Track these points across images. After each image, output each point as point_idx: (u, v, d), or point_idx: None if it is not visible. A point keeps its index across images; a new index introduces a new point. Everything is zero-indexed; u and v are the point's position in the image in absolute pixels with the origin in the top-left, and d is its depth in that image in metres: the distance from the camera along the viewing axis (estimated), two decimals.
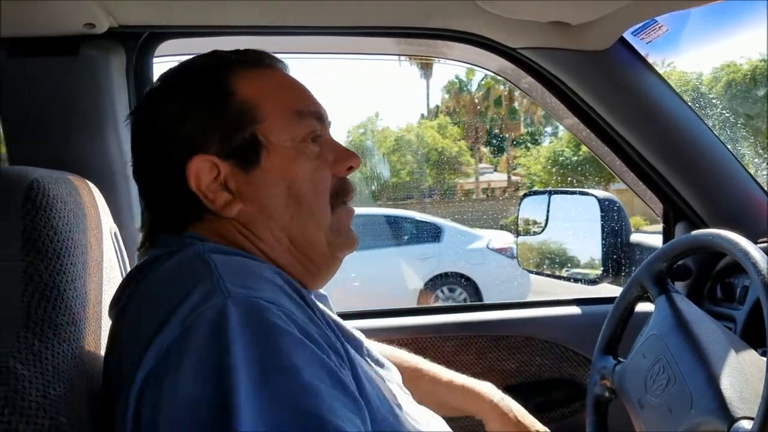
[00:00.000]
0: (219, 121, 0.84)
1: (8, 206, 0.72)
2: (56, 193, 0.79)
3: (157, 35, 1.34)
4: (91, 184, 0.96)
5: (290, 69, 0.97)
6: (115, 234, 1.09)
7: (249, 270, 0.75)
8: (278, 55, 1.39)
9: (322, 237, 0.88)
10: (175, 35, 1.35)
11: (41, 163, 0.85)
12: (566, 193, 1.97)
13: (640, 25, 1.29)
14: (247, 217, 0.85)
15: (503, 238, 7.85)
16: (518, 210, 2.03)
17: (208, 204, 0.83)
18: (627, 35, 1.37)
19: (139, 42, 1.33)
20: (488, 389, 1.24)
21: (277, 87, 0.89)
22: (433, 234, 7.68)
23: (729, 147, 1.48)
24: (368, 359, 0.93)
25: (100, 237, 0.92)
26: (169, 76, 0.91)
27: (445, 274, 7.42)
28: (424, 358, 1.57)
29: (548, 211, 1.95)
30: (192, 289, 0.68)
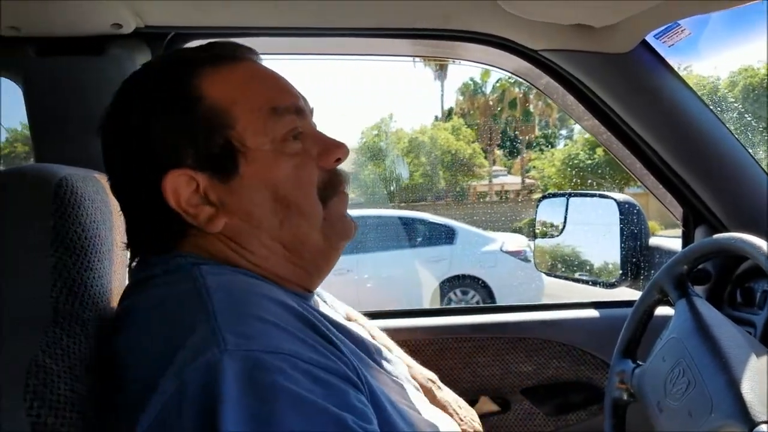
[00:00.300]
0: (188, 130, 0.78)
1: (38, 203, 0.74)
2: (84, 191, 0.80)
3: (182, 36, 1.35)
4: None
5: (261, 59, 0.90)
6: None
7: (249, 301, 0.70)
8: (297, 57, 1.39)
9: (316, 234, 0.84)
10: (200, 36, 1.35)
11: (67, 161, 0.86)
12: (585, 195, 1.96)
13: (663, 28, 1.29)
14: (233, 230, 0.80)
15: (517, 241, 7.82)
16: (536, 212, 2.02)
17: (190, 220, 0.78)
18: (649, 38, 1.36)
19: (165, 42, 1.34)
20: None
21: (248, 84, 0.82)
22: (447, 236, 7.65)
23: (750, 151, 1.47)
24: (379, 361, 0.91)
25: (125, 235, 0.93)
26: (131, 84, 0.84)
27: (459, 276, 7.39)
28: (441, 359, 1.58)
29: (566, 214, 1.94)
30: (186, 338, 0.63)
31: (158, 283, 0.76)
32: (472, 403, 1.60)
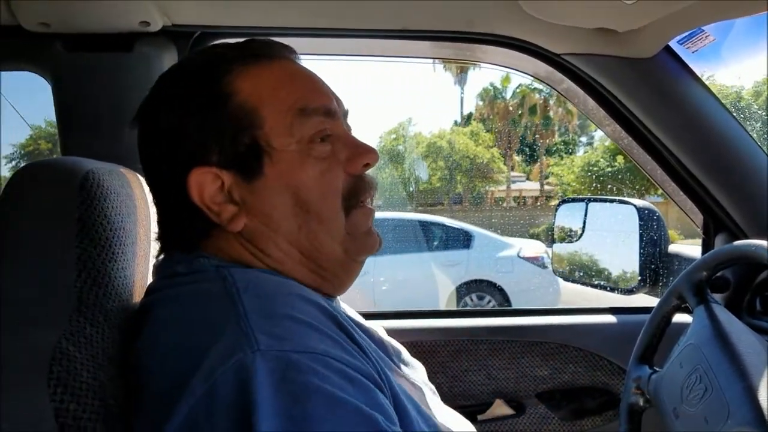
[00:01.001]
0: (216, 127, 0.78)
1: (65, 195, 0.75)
2: (110, 185, 0.81)
3: (208, 35, 1.37)
4: (140, 177, 0.97)
5: (300, 58, 0.89)
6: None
7: (279, 300, 0.70)
8: (320, 57, 1.39)
9: (335, 244, 0.83)
10: (225, 35, 1.37)
11: (94, 156, 0.87)
12: (604, 201, 1.95)
13: (687, 34, 1.28)
14: (252, 232, 0.80)
15: (534, 247, 7.78)
16: (554, 217, 2.01)
17: (213, 217, 0.79)
18: (673, 44, 1.35)
19: (191, 41, 1.36)
20: None
21: (278, 84, 0.81)
22: (464, 240, 7.62)
23: None
24: (399, 363, 0.91)
25: (149, 229, 0.94)
26: (164, 80, 0.85)
27: (475, 281, 7.36)
28: (457, 360, 1.58)
29: (585, 219, 1.93)
30: (217, 338, 0.63)
31: (185, 282, 0.77)
32: (487, 405, 1.60)
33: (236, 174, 0.79)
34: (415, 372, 0.96)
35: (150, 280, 0.91)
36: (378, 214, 0.91)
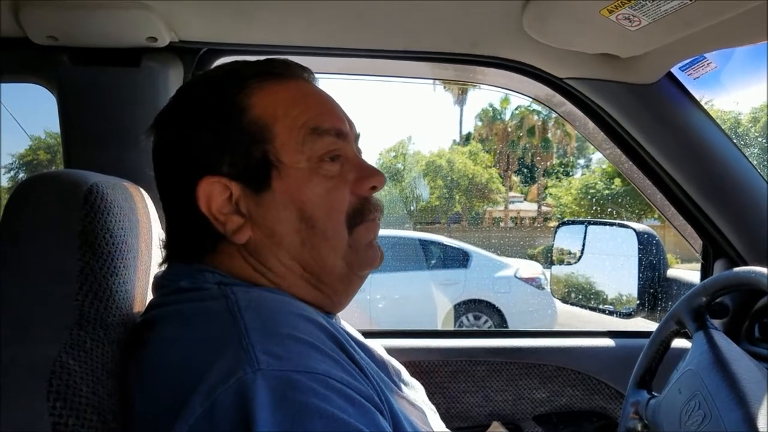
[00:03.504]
0: (229, 139, 0.80)
1: (68, 207, 0.75)
2: (113, 198, 0.81)
3: (214, 51, 1.37)
4: (143, 192, 0.98)
5: (316, 80, 0.92)
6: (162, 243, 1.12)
7: (281, 320, 0.70)
8: (324, 76, 1.40)
9: (337, 259, 0.83)
10: (232, 52, 1.38)
11: (97, 169, 0.87)
12: (604, 224, 1.96)
13: (689, 60, 1.29)
14: (255, 245, 0.81)
15: (531, 268, 7.79)
16: (554, 238, 2.02)
17: (219, 228, 0.80)
18: (675, 70, 1.36)
19: (197, 57, 1.37)
20: None
21: (294, 102, 0.83)
22: (461, 259, 7.62)
23: None
24: (399, 383, 0.91)
25: (150, 243, 0.94)
26: (183, 92, 0.88)
27: (472, 300, 7.36)
28: (454, 381, 1.57)
29: (584, 242, 1.93)
30: (218, 357, 0.63)
31: (187, 299, 0.77)
32: (484, 428, 1.60)
33: (245, 186, 0.80)
34: (415, 392, 0.96)
35: (149, 295, 0.90)
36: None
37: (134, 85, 1.31)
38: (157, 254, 0.97)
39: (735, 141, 1.45)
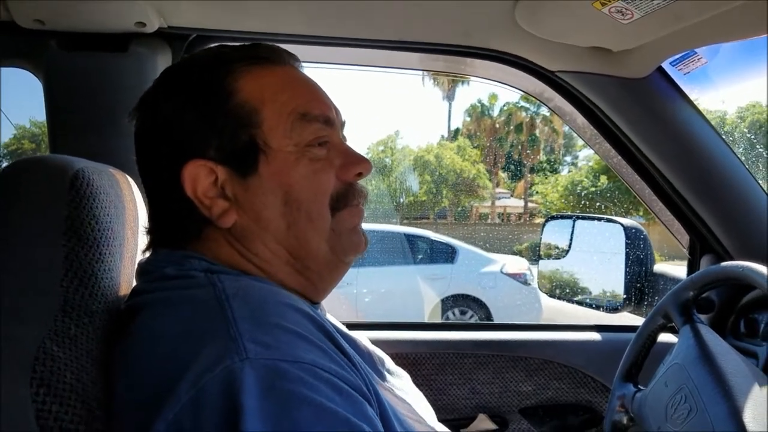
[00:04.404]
0: (216, 122, 0.80)
1: (53, 192, 0.74)
2: (99, 184, 0.80)
3: (203, 38, 1.36)
4: (129, 179, 0.97)
5: (303, 67, 0.91)
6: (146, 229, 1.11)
7: (269, 309, 0.70)
8: (314, 65, 1.39)
9: (322, 243, 0.84)
10: (221, 39, 1.37)
11: (82, 155, 0.86)
12: (591, 219, 1.96)
13: (679, 55, 1.30)
14: (241, 229, 0.81)
15: (518, 264, 7.82)
16: (541, 232, 2.02)
17: (204, 211, 0.79)
18: (665, 65, 1.37)
19: (186, 43, 1.35)
20: None
21: (282, 87, 0.83)
22: (448, 254, 7.65)
23: (760, 183, 1.48)
24: (383, 373, 0.91)
25: (136, 230, 0.93)
26: (169, 73, 0.87)
27: (458, 295, 7.39)
28: (442, 373, 1.57)
29: (572, 236, 1.94)
30: (205, 345, 0.63)
31: (174, 286, 0.76)
32: (470, 420, 1.60)
33: (231, 170, 0.80)
34: (401, 380, 0.96)
35: (134, 282, 0.89)
36: (363, 226, 0.91)
37: (122, 71, 1.30)
38: (143, 241, 0.95)
39: (724, 138, 1.46)
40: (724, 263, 1.17)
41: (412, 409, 0.86)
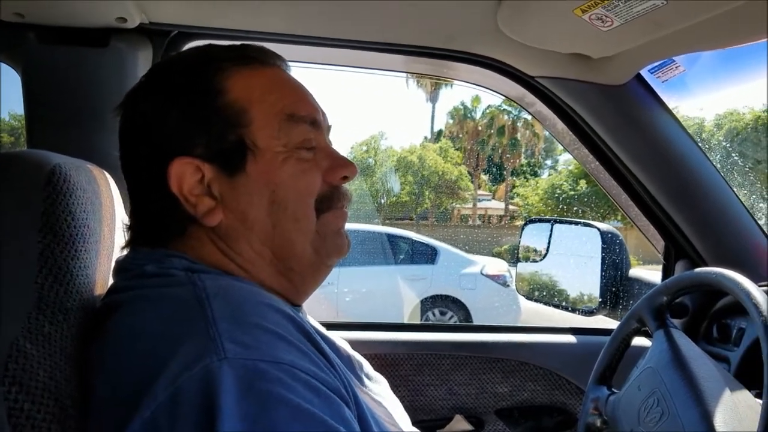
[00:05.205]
0: (204, 120, 0.79)
1: (29, 188, 0.73)
2: (76, 180, 0.79)
3: (185, 35, 1.35)
4: (108, 175, 0.96)
5: (290, 69, 0.92)
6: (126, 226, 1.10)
7: (248, 309, 0.70)
8: (298, 65, 1.39)
9: (306, 244, 0.83)
10: (202, 36, 1.36)
11: (61, 150, 0.85)
12: (570, 223, 1.98)
13: (658, 63, 1.31)
14: (226, 229, 0.80)
15: (497, 265, 7.88)
16: (520, 235, 2.04)
17: (189, 209, 0.79)
18: (644, 72, 1.38)
19: (167, 40, 1.34)
20: None
21: (270, 88, 0.83)
22: (429, 255, 7.68)
23: (734, 190, 1.51)
24: (361, 377, 0.91)
25: (113, 227, 0.92)
26: (157, 69, 0.87)
27: (438, 296, 7.43)
28: (419, 374, 1.58)
29: (550, 240, 1.95)
30: (183, 343, 0.63)
31: (153, 284, 0.75)
32: (447, 421, 1.61)
33: (218, 168, 0.80)
34: (378, 385, 0.96)
35: (111, 280, 0.88)
36: (345, 226, 0.91)
37: (102, 67, 1.28)
38: (120, 239, 0.95)
39: (700, 145, 1.48)
40: (698, 269, 1.19)
41: (388, 413, 0.86)
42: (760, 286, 1.01)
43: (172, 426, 0.58)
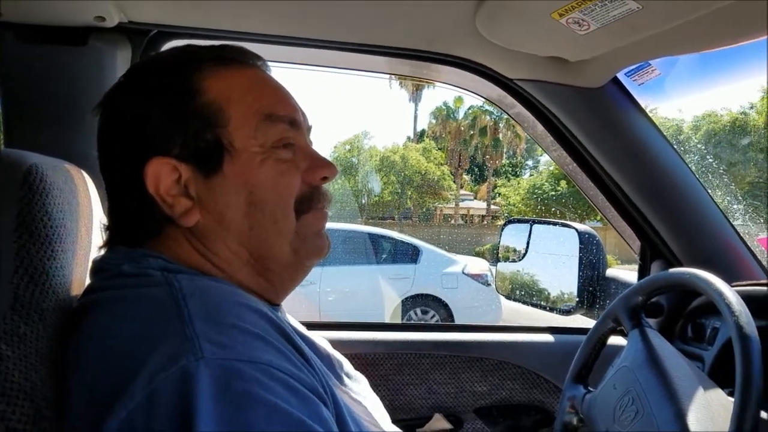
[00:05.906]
0: (181, 120, 0.79)
1: (6, 188, 0.72)
2: (53, 180, 0.79)
3: (164, 34, 1.34)
4: (85, 174, 0.96)
5: (270, 69, 0.92)
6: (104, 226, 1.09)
7: (225, 309, 0.69)
8: (279, 65, 1.39)
9: (285, 245, 0.83)
10: (181, 36, 1.35)
11: (38, 150, 0.84)
12: (548, 223, 2.00)
13: (635, 66, 1.33)
14: (203, 229, 0.80)
15: (479, 265, 7.92)
16: (500, 236, 2.05)
17: (166, 209, 0.79)
18: (621, 76, 1.40)
19: (146, 39, 1.33)
20: None
21: (248, 88, 0.83)
22: (411, 254, 7.70)
23: (709, 192, 1.53)
24: (341, 376, 0.91)
25: (90, 227, 0.92)
26: (136, 69, 0.88)
27: (420, 295, 7.45)
28: (399, 374, 1.58)
29: (529, 240, 1.97)
30: (159, 343, 0.62)
31: (129, 284, 0.75)
32: (426, 419, 1.62)
33: (195, 168, 0.80)
34: (358, 384, 0.96)
35: (88, 280, 0.88)
36: (328, 225, 0.91)
37: (80, 66, 1.27)
38: (97, 239, 0.94)
39: (675, 147, 1.50)
40: (673, 270, 1.20)
41: (368, 412, 0.86)
42: (732, 286, 1.03)
43: (149, 426, 0.57)
